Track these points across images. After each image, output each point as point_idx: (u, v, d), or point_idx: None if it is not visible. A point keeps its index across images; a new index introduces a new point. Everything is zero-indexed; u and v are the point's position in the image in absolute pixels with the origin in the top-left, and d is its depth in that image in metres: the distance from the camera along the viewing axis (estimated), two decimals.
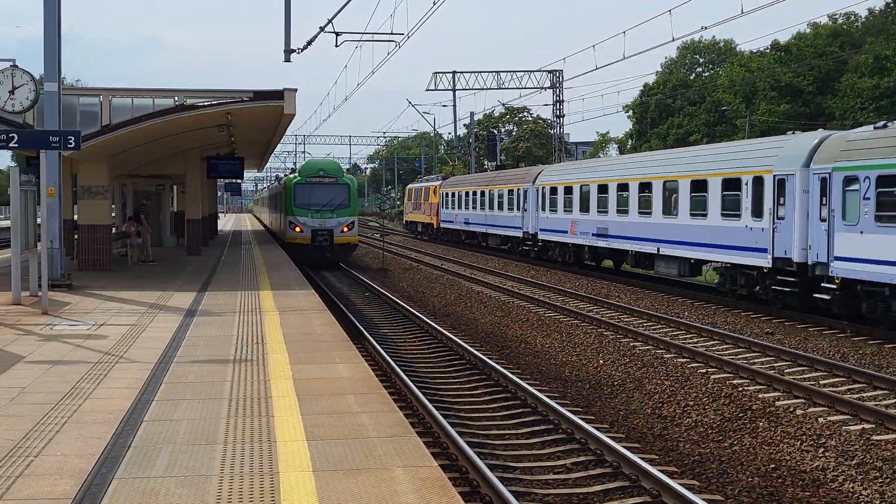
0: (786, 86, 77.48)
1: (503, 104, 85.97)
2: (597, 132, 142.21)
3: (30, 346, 14.10)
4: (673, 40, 41.28)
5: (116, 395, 10.53)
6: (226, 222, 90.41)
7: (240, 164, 40.39)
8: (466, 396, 15.38)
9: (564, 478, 10.98)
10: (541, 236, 40.57)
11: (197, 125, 28.33)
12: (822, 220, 21.51)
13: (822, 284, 21.63)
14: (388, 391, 11.47)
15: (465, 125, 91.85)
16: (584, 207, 35.42)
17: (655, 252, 29.84)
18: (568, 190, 37.35)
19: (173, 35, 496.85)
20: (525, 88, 67.96)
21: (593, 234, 34.68)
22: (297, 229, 40.09)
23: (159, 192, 43.14)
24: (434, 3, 30.05)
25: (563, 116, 67.72)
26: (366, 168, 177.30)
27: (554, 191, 38.98)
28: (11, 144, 18.11)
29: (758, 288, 24.59)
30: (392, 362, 16.74)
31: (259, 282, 24.82)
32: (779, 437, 12.74)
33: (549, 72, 66.93)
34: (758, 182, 24.05)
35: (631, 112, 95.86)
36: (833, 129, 22.35)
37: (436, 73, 71.37)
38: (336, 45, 33.80)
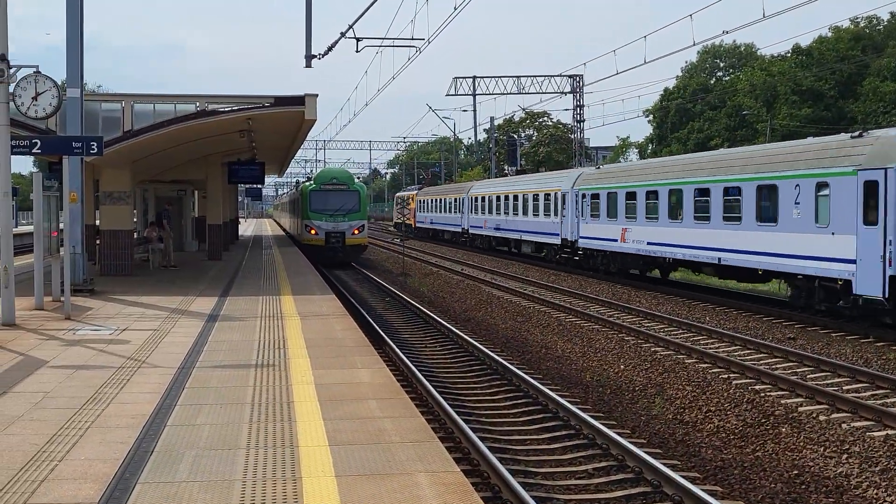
0: (807, 90, 77.13)
1: (523, 109, 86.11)
2: (617, 136, 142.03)
3: (53, 350, 14.19)
4: (694, 45, 41.61)
5: (139, 400, 10.58)
6: (246, 227, 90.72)
7: (260, 169, 40.55)
8: (488, 401, 15.38)
9: (586, 483, 10.96)
10: (470, 231, 57.51)
11: (218, 131, 28.44)
12: (576, 217, 37.88)
13: (578, 252, 38.08)
14: (409, 396, 11.46)
15: (485, 130, 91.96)
16: (491, 210, 51.89)
17: (520, 238, 46.72)
18: (483, 199, 53.94)
19: (194, 41, 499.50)
20: (545, 93, 67.95)
21: (495, 228, 51.64)
22: (313, 232, 44.42)
23: (181, 198, 43.34)
24: (455, 9, 30.12)
25: (584, 121, 67.69)
26: (386, 173, 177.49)
27: (476, 199, 55.77)
28: (35, 150, 18.21)
29: (557, 256, 40.92)
30: (413, 367, 16.75)
31: (280, 287, 24.89)
32: (802, 443, 12.68)
33: (570, 76, 66.89)
34: (556, 196, 40.48)
35: (651, 116, 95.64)
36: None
37: (456, 77, 71.51)
38: (357, 51, 34.03)
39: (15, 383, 11.61)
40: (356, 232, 44.43)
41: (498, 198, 50.27)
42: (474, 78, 71.34)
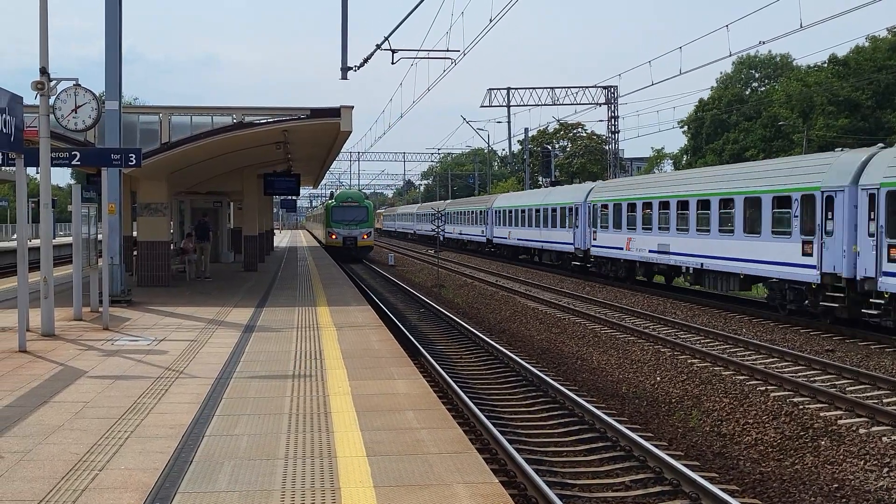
0: (844, 100, 76.38)
1: (558, 120, 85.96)
2: (652, 148, 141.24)
3: (92, 361, 14.31)
4: (730, 55, 41.17)
5: (178, 410, 10.64)
6: (281, 238, 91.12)
7: (296, 181, 40.74)
8: (524, 413, 15.34)
9: (623, 495, 10.90)
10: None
11: (254, 142, 28.60)
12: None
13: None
14: (446, 407, 11.46)
15: (519, 141, 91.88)
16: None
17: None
18: (506, 212, 59.03)
19: (229, 53, 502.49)
20: (580, 104, 67.84)
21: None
22: (333, 236, 59.98)
23: (216, 209, 43.65)
24: (490, 21, 30.19)
25: (618, 132, 67.52)
26: (420, 184, 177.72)
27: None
28: (75, 162, 18.37)
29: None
30: (449, 378, 16.74)
31: (316, 298, 24.97)
32: (841, 457, 12.55)
33: (604, 87, 66.76)
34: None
35: (686, 127, 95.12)
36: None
37: (490, 89, 71.54)
38: (392, 63, 34.18)
39: (55, 393, 11.72)
40: (365, 237, 60.22)
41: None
42: (508, 89, 71.38)
